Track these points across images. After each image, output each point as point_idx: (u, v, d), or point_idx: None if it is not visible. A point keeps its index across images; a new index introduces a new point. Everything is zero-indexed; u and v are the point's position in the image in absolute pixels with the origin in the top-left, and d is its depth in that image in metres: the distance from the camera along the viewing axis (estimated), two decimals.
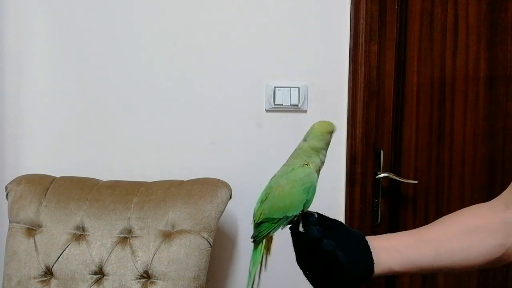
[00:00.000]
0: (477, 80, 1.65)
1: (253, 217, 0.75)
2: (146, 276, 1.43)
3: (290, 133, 1.67)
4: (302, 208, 0.72)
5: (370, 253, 0.72)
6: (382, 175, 1.65)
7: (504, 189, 0.84)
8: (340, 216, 1.68)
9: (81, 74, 1.71)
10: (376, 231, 1.66)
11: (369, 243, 0.73)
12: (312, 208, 0.74)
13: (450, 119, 1.66)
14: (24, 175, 1.60)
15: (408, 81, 1.66)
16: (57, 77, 1.71)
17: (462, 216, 0.81)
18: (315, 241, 0.69)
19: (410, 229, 0.82)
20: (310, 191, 0.72)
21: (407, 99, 1.67)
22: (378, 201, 1.67)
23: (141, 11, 1.68)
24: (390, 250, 0.75)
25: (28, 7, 1.69)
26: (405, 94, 1.66)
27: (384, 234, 0.82)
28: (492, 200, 0.83)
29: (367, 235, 0.75)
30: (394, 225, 1.69)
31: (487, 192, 1.66)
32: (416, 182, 1.66)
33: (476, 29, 1.63)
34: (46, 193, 1.53)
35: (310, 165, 0.72)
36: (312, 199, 0.73)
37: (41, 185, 1.55)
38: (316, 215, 0.73)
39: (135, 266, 1.43)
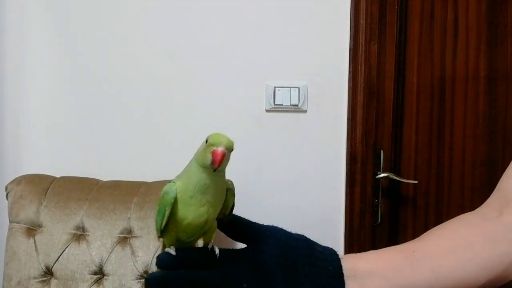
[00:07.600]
0: (477, 80, 1.65)
1: None
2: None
3: (290, 133, 1.67)
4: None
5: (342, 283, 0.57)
6: (382, 175, 1.65)
7: None
8: (340, 216, 1.69)
9: (81, 74, 1.71)
10: (376, 231, 1.66)
11: (343, 269, 0.57)
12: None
13: (450, 119, 1.66)
14: (24, 175, 1.60)
15: (408, 81, 1.66)
16: (57, 77, 1.71)
17: (454, 226, 0.69)
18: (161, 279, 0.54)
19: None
20: (160, 213, 0.59)
21: (407, 99, 1.67)
22: (378, 201, 1.67)
23: (140, 11, 1.68)
24: (374, 276, 0.58)
25: (29, 8, 1.69)
26: (405, 94, 1.66)
27: (366, 253, 0.62)
28: (477, 209, 0.74)
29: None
30: (394, 225, 1.69)
31: (487, 192, 1.65)
32: (416, 182, 1.66)
33: (476, 29, 1.63)
34: (46, 193, 1.53)
35: (176, 181, 0.59)
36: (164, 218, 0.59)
37: (41, 185, 1.55)
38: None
39: (135, 266, 1.43)
